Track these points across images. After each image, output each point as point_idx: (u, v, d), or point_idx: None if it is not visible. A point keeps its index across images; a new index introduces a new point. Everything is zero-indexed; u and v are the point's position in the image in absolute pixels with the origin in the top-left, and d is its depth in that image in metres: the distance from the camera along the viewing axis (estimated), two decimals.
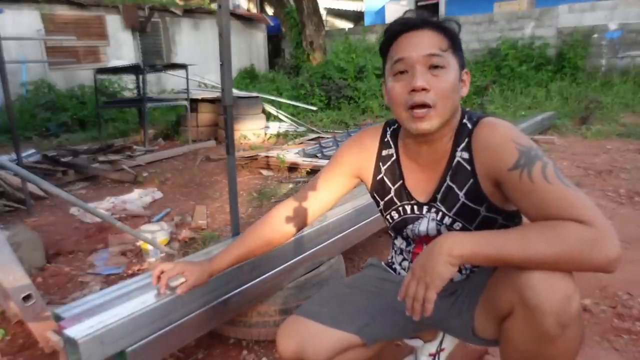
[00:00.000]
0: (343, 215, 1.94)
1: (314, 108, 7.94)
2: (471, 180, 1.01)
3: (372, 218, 2.09)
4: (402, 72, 0.98)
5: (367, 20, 14.75)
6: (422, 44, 0.96)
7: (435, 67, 0.96)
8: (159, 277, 1.19)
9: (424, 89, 0.95)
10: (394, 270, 1.27)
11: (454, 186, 1.04)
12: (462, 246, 0.86)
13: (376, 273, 1.28)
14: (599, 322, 1.72)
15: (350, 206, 2.02)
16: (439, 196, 1.07)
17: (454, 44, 0.99)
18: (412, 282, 0.89)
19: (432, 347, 1.38)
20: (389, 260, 1.31)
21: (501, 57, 8.97)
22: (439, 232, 1.10)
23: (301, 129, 6.71)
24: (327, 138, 5.39)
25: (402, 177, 1.13)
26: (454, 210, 1.05)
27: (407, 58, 0.97)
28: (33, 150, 5.08)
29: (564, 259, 0.81)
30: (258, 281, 1.51)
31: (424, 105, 0.96)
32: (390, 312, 1.16)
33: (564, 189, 0.86)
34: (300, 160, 4.32)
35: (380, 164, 1.16)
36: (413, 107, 0.97)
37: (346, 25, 15.61)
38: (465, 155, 1.02)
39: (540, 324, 0.83)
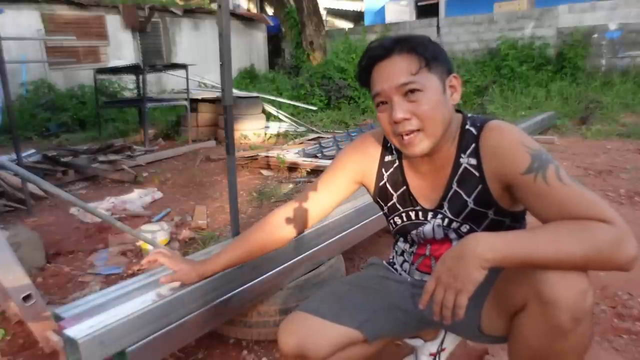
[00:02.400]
0: (343, 215, 1.94)
1: (314, 108, 7.94)
2: (480, 186, 1.01)
3: (372, 218, 2.09)
4: (383, 103, 1.00)
5: (367, 20, 14.76)
6: (392, 74, 0.96)
7: (412, 91, 0.95)
8: (152, 262, 1.21)
9: (405, 119, 0.96)
10: (395, 270, 1.27)
11: (461, 192, 1.04)
12: (494, 249, 0.83)
13: (378, 271, 1.28)
14: (599, 322, 1.72)
15: (350, 206, 2.01)
16: (445, 203, 1.06)
17: (428, 60, 0.96)
18: (439, 288, 0.86)
19: (432, 347, 1.37)
20: (390, 261, 1.31)
21: (501, 57, 8.97)
22: (445, 235, 1.10)
23: (301, 129, 6.71)
24: (327, 138, 5.39)
25: (405, 183, 1.12)
26: (462, 215, 1.05)
27: (382, 91, 0.98)
28: (33, 150, 5.08)
29: (594, 259, 0.81)
30: (258, 281, 1.51)
31: (410, 132, 0.97)
32: (392, 309, 1.16)
33: (580, 190, 0.87)
34: (300, 160, 4.31)
35: (383, 170, 1.16)
36: (400, 134, 0.98)
37: (346, 25, 15.60)
38: (473, 161, 1.02)
39: (555, 318, 0.83)
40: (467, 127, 1.04)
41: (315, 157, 4.41)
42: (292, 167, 4.32)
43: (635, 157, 4.30)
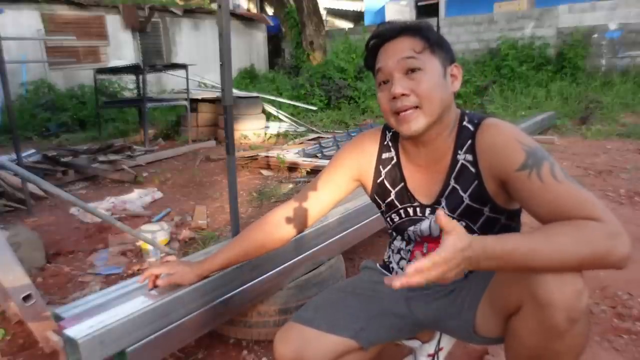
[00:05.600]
0: (343, 215, 1.94)
1: (314, 108, 7.94)
2: (476, 182, 1.02)
3: (372, 218, 2.09)
4: (384, 82, 1.03)
5: (367, 20, 14.76)
6: (396, 51, 1.00)
7: (412, 70, 0.98)
8: (154, 281, 1.23)
9: (403, 94, 0.98)
10: (391, 270, 1.26)
11: (458, 187, 1.04)
12: (491, 259, 0.82)
13: (371, 276, 1.27)
14: (599, 322, 1.72)
15: (350, 206, 2.01)
16: (443, 199, 1.07)
17: (432, 44, 1.00)
18: (432, 273, 0.79)
19: (430, 348, 1.37)
20: (386, 260, 1.30)
21: (501, 57, 8.97)
22: (442, 232, 1.10)
23: (301, 129, 6.71)
24: (327, 138, 5.39)
25: (403, 180, 1.13)
26: (458, 211, 1.05)
27: (384, 67, 1.01)
28: (33, 150, 5.08)
29: (588, 259, 0.81)
30: (258, 281, 1.51)
31: (408, 108, 0.98)
32: (387, 316, 1.16)
33: (574, 187, 0.87)
34: (300, 160, 4.32)
35: (381, 167, 1.16)
36: (397, 112, 1.00)
37: (346, 25, 15.61)
38: (469, 157, 1.02)
39: (550, 318, 0.83)
40: (465, 123, 1.05)
41: (315, 157, 4.41)
42: (292, 167, 4.32)
43: (635, 157, 4.30)
